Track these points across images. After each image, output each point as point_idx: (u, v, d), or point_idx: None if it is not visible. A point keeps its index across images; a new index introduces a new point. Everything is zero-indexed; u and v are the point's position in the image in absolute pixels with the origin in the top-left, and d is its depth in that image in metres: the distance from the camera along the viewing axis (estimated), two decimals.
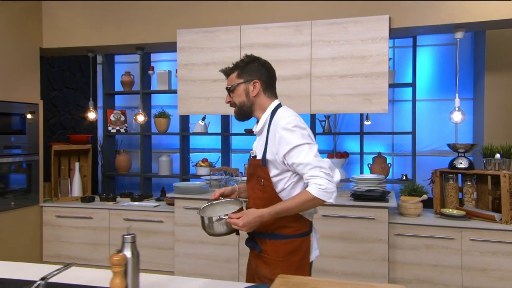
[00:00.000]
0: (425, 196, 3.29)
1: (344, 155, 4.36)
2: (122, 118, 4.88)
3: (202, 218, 1.70)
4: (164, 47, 3.97)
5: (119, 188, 5.22)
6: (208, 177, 3.91)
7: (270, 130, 1.76)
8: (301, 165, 1.64)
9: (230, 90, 1.83)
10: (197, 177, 4.44)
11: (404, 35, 3.79)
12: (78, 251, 3.92)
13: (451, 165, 3.34)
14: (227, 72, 1.87)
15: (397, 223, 3.14)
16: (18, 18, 3.74)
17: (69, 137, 4.36)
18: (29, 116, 3.83)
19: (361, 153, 4.29)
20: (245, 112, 1.84)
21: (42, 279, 1.34)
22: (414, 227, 3.12)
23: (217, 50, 3.46)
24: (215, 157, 4.68)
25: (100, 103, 5.16)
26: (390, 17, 3.11)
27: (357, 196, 3.20)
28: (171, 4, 3.66)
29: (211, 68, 3.48)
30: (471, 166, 3.28)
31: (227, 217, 1.63)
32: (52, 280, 1.36)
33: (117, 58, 5.03)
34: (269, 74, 1.85)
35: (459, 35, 3.20)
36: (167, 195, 3.75)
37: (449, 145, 3.43)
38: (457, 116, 3.25)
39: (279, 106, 1.83)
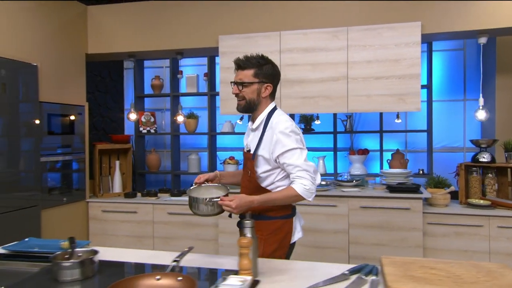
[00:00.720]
0: (452, 188, 3.40)
1: (365, 151, 4.46)
2: (152, 119, 4.94)
3: (195, 198, 1.67)
4: (203, 52, 4.03)
5: (148, 185, 5.28)
6: None
7: (266, 129, 1.85)
8: (291, 166, 1.76)
9: (244, 85, 1.85)
10: None
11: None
12: (124, 244, 3.97)
13: (474, 159, 3.45)
14: (242, 65, 1.87)
15: (429, 212, 3.24)
16: (66, 25, 3.78)
17: (111, 137, 4.41)
18: (74, 117, 3.88)
19: (381, 150, 4.40)
20: (250, 108, 1.88)
21: (175, 261, 1.42)
22: (445, 216, 3.23)
23: None
24: (240, 155, 4.76)
25: (127, 105, 5.23)
26: (421, 24, 3.21)
27: (393, 188, 3.30)
28: (212, 11, 3.73)
29: None
30: (493, 160, 3.40)
31: (219, 199, 1.65)
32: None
33: (145, 63, 5.08)
34: (278, 80, 1.92)
35: (482, 40, 3.32)
36: None
37: (472, 141, 3.54)
38: (481, 114, 3.37)
39: (275, 108, 1.91)
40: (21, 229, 3.12)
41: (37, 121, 3.34)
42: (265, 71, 1.85)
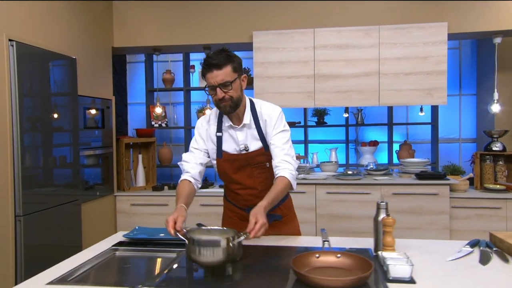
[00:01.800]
0: (471, 175, 3.70)
1: (375, 143, 4.70)
2: (163, 114, 4.91)
3: (216, 242, 1.32)
4: (234, 47, 4.07)
5: (159, 179, 5.26)
6: None
7: (258, 120, 1.80)
8: (278, 148, 1.74)
9: (226, 85, 1.67)
10: None
11: None
12: None
13: (487, 148, 3.77)
14: (220, 64, 1.65)
15: (453, 197, 3.52)
16: (94, 19, 3.69)
17: (136, 131, 4.36)
18: (103, 111, 3.82)
19: (391, 141, 4.66)
20: (237, 107, 1.74)
21: (325, 241, 1.52)
22: (467, 200, 3.51)
23: (292, 50, 3.65)
24: None
25: (130, 99, 5.15)
26: (448, 24, 3.46)
27: (421, 176, 3.54)
28: (244, 7, 3.79)
29: (286, 66, 3.67)
30: (504, 148, 3.74)
31: (248, 234, 1.47)
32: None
33: (154, 57, 5.00)
34: None
35: (497, 40, 3.62)
36: None
37: (485, 131, 3.86)
38: (495, 108, 3.68)
39: (249, 98, 1.85)
40: (63, 224, 3.07)
41: (76, 115, 3.28)
42: (237, 62, 1.72)
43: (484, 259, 1.47)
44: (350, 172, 3.82)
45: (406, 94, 3.51)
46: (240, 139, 1.81)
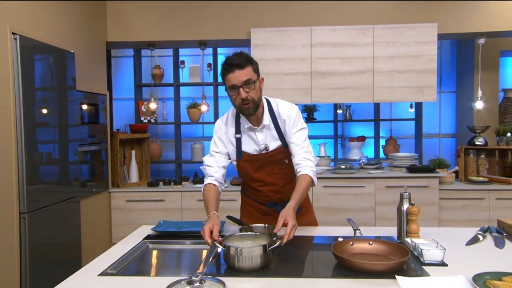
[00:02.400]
0: (457, 168, 3.92)
1: (363, 138, 4.87)
2: (157, 109, 4.87)
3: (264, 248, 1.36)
4: (231, 43, 4.11)
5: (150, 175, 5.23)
6: None
7: (276, 120, 1.84)
8: (299, 146, 1.79)
9: (251, 83, 1.71)
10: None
11: None
12: None
13: (470, 143, 4.00)
14: (242, 64, 1.69)
15: (441, 189, 3.72)
16: (87, 13, 3.62)
17: (130, 127, 4.32)
18: (98, 106, 3.76)
19: (378, 136, 4.84)
20: (258, 108, 1.77)
21: (357, 229, 1.62)
22: (454, 192, 3.72)
23: (290, 48, 3.73)
24: None
25: (115, 94, 5.07)
26: (438, 25, 3.64)
27: (412, 169, 3.72)
28: (242, 4, 3.82)
29: (284, 63, 3.74)
30: (486, 143, 3.98)
31: (277, 235, 1.53)
32: None
33: (143, 52, 4.95)
34: None
35: (481, 40, 3.84)
36: None
37: (468, 127, 4.09)
38: (479, 104, 3.91)
39: (265, 98, 1.89)
40: (63, 221, 3.03)
41: (76, 111, 3.23)
42: (256, 64, 1.77)
43: (500, 243, 1.61)
44: (343, 166, 3.95)
45: (399, 91, 3.67)
46: (260, 140, 1.84)
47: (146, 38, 4.00)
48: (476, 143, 3.97)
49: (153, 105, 4.19)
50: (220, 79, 4.82)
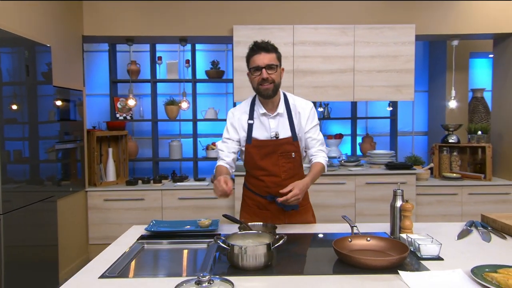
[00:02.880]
0: (432, 164, 4.06)
1: (340, 136, 4.97)
2: (127, 106, 4.75)
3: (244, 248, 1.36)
4: (213, 40, 4.07)
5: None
6: None
7: (290, 111, 1.93)
8: (315, 140, 1.96)
9: (272, 68, 1.84)
10: (209, 159, 4.65)
11: None
12: None
13: (444, 140, 4.16)
14: (269, 48, 1.84)
15: (417, 185, 3.85)
16: (62, 5, 3.48)
17: (107, 124, 4.19)
18: (74, 102, 3.63)
19: (354, 134, 4.95)
20: (276, 92, 1.90)
21: (354, 226, 1.65)
22: (429, 188, 3.86)
23: None
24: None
25: (88, 90, 4.92)
26: (415, 26, 3.76)
27: (390, 166, 3.83)
28: (225, 1, 3.80)
29: None
30: (458, 141, 4.15)
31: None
32: None
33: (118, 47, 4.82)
34: None
35: (455, 42, 4.00)
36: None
37: (442, 125, 4.25)
38: (452, 104, 4.07)
39: (283, 91, 2.00)
40: (40, 222, 2.90)
41: (51, 107, 3.10)
42: (280, 54, 1.91)
43: (486, 237, 1.68)
44: None
45: (378, 90, 3.76)
46: (272, 127, 1.92)
47: (124, 33, 3.89)
48: (450, 141, 4.13)
49: (131, 102, 4.09)
50: (198, 76, 4.80)
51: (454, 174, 3.99)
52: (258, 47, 1.84)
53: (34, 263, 2.80)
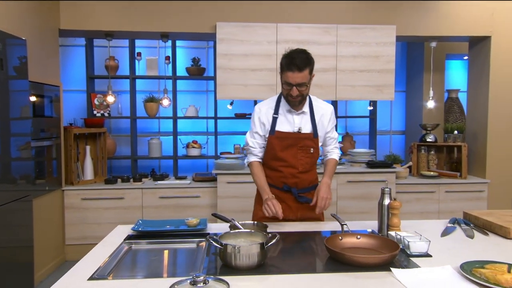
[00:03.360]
0: (411, 163, 4.16)
1: None
2: (105, 102, 4.65)
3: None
4: (196, 37, 4.02)
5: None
6: (239, 155, 4.15)
7: (313, 111, 2.05)
8: (332, 139, 2.16)
9: (304, 85, 1.91)
10: (189, 157, 4.61)
11: None
12: (107, 231, 3.76)
13: (422, 139, 4.27)
14: (302, 67, 1.88)
15: (397, 183, 3.93)
16: None
17: (85, 121, 4.07)
18: (51, 98, 3.51)
19: None
20: (302, 102, 2.00)
21: (344, 224, 1.66)
22: (408, 186, 3.96)
23: (255, 44, 3.73)
24: (202, 139, 4.88)
25: (64, 85, 4.77)
26: (396, 27, 3.83)
27: (371, 164, 3.89)
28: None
29: (250, 58, 3.73)
30: (436, 140, 4.27)
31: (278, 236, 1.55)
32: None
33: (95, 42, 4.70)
34: None
35: (433, 44, 4.10)
36: (213, 171, 3.85)
37: (420, 124, 4.35)
38: (430, 104, 4.18)
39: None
40: (15, 222, 2.79)
41: (25, 102, 2.98)
42: (313, 64, 1.96)
43: (470, 234, 1.74)
44: None
45: (360, 90, 3.82)
46: (296, 122, 2.03)
47: (104, 28, 3.79)
48: (427, 140, 4.24)
49: (110, 99, 3.99)
50: (179, 73, 4.73)
51: (432, 173, 4.11)
52: (292, 64, 1.86)
53: (8, 264, 2.69)
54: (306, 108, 2.05)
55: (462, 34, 3.99)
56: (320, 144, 2.11)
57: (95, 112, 4.52)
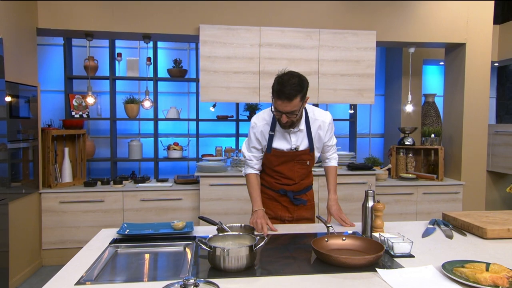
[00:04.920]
0: (390, 165, 4.26)
1: None
2: (84, 103, 4.57)
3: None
4: (178, 38, 4.00)
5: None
6: (221, 158, 4.15)
7: (310, 126, 2.03)
8: (329, 146, 2.17)
9: (294, 114, 1.85)
10: (170, 159, 4.59)
11: None
12: (87, 235, 3.71)
13: (401, 142, 4.39)
14: (291, 97, 1.79)
15: (376, 185, 4.03)
16: None
17: (63, 122, 3.99)
18: (28, 99, 3.43)
19: None
20: (294, 125, 1.97)
21: (330, 226, 1.69)
22: (387, 188, 4.05)
23: (239, 46, 3.74)
24: (183, 141, 4.86)
25: (41, 86, 4.67)
26: (376, 33, 3.92)
27: (352, 167, 3.97)
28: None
29: (233, 61, 3.75)
30: (414, 143, 4.39)
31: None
32: None
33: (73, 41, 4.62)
34: None
35: (411, 49, 4.22)
36: (195, 174, 3.83)
37: (399, 128, 4.47)
38: (409, 108, 4.29)
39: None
40: None
41: (2, 103, 2.90)
42: (306, 88, 1.87)
43: (449, 235, 1.80)
44: None
45: (341, 94, 3.89)
46: (293, 141, 2.04)
47: (84, 27, 3.72)
48: (406, 143, 4.36)
49: (90, 100, 3.92)
50: (160, 75, 4.69)
51: (410, 175, 4.22)
52: (282, 93, 1.78)
53: None
54: (302, 125, 2.01)
55: (439, 40, 4.13)
56: (317, 154, 2.14)
57: (73, 113, 4.43)
